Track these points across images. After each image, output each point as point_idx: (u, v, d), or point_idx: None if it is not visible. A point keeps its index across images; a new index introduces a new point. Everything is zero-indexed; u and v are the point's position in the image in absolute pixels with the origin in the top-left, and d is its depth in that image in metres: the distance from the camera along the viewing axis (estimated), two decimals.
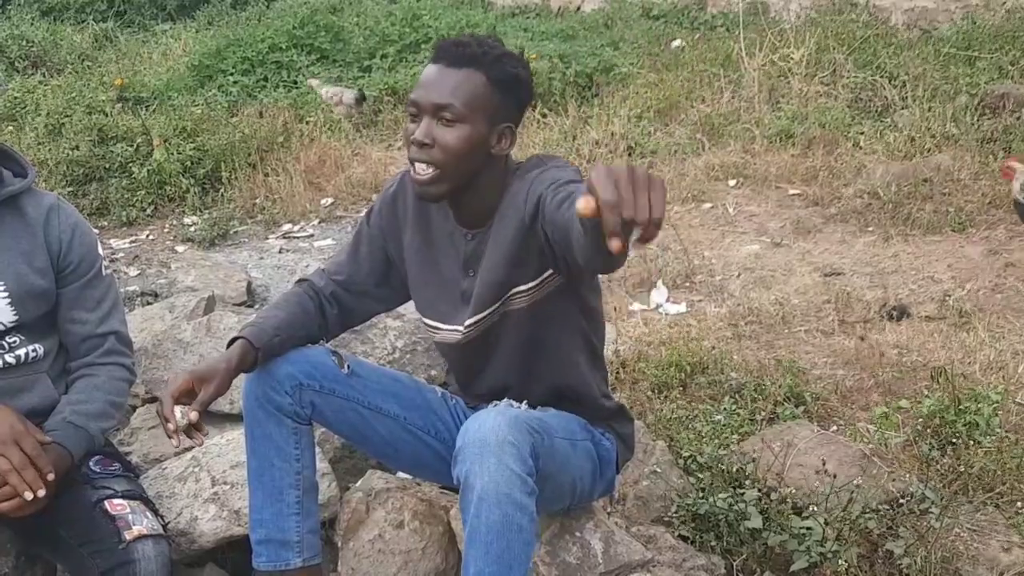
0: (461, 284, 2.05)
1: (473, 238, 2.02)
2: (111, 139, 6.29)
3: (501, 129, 1.93)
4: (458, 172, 1.91)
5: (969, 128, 5.67)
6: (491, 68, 1.88)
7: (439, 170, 1.90)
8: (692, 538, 2.40)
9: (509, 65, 1.91)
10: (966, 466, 2.56)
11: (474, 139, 1.89)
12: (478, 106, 1.88)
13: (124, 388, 2.28)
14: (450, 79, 1.88)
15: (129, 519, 2.02)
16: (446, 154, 1.88)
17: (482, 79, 1.88)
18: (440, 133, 1.88)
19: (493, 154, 1.93)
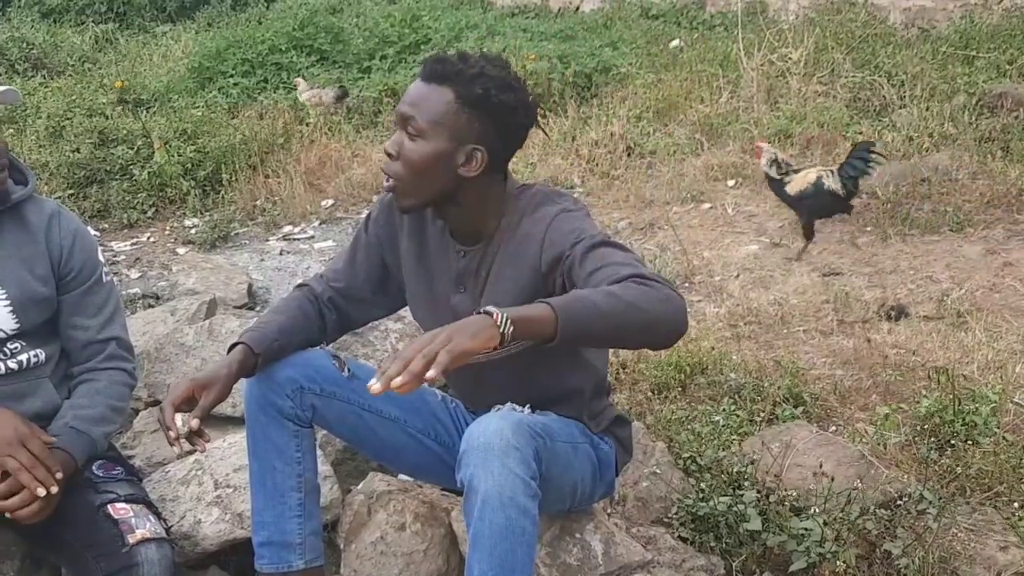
0: (451, 299, 2.04)
1: (465, 255, 2.02)
2: (112, 141, 6.31)
3: (468, 150, 1.88)
4: (419, 187, 1.90)
5: (967, 128, 5.68)
6: (462, 86, 1.85)
7: (398, 182, 1.91)
8: (692, 539, 2.42)
9: (479, 85, 1.85)
10: (964, 467, 2.58)
11: (434, 156, 1.87)
12: (441, 123, 1.86)
13: (125, 393, 2.30)
14: (420, 93, 1.88)
15: (132, 523, 2.04)
16: (405, 167, 1.89)
17: (450, 96, 1.86)
18: (405, 145, 1.89)
19: (462, 175, 1.89)
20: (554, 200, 1.95)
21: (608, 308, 1.61)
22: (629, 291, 1.64)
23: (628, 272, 1.69)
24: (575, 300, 1.63)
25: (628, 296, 1.63)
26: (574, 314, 1.60)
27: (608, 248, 1.80)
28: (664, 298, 1.66)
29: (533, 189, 2.00)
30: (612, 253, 1.78)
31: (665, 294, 1.67)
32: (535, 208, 1.94)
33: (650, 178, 5.72)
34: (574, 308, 1.61)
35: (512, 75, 1.91)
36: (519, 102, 1.90)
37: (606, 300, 1.62)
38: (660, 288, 1.67)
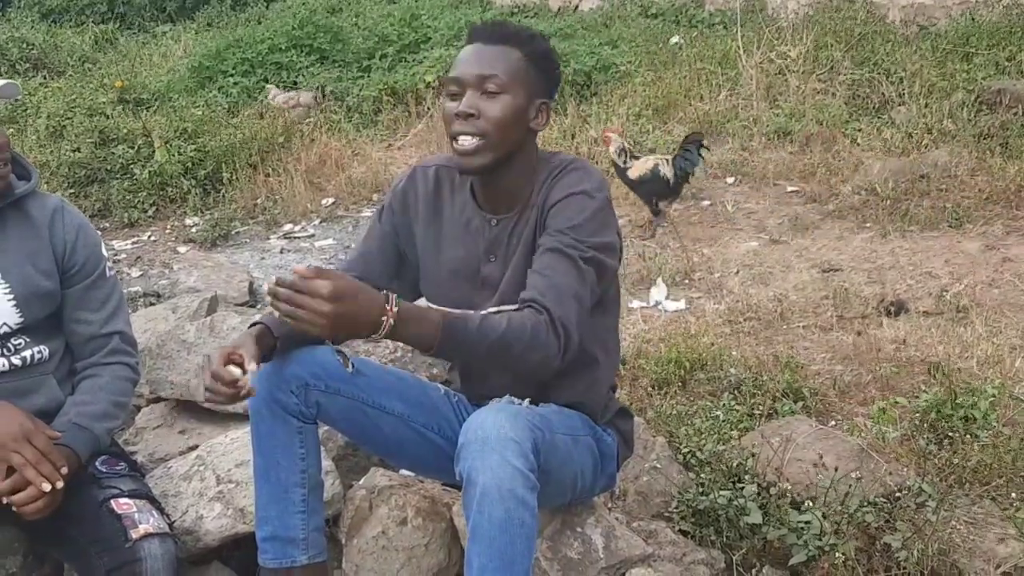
0: (482, 269, 2.06)
1: (497, 223, 2.04)
2: (112, 141, 6.33)
3: (538, 104, 1.99)
4: (502, 143, 1.96)
5: (966, 124, 5.69)
6: (526, 44, 1.97)
7: (484, 139, 1.94)
8: (692, 533, 2.43)
9: (542, 42, 2.00)
10: (963, 460, 2.59)
11: (517, 110, 1.95)
12: (518, 78, 1.95)
13: (128, 388, 2.30)
14: (490, 54, 1.95)
15: (135, 518, 2.05)
16: (491, 124, 1.94)
17: (518, 54, 1.96)
18: (484, 104, 1.94)
19: (531, 128, 1.99)
20: (580, 179, 1.98)
21: (486, 342, 1.78)
22: (513, 342, 1.79)
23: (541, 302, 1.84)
24: (462, 333, 1.77)
25: (507, 336, 1.79)
26: (454, 337, 1.76)
27: (563, 261, 1.89)
28: (537, 345, 1.81)
29: (561, 156, 2.06)
30: (559, 268, 1.88)
31: (542, 342, 1.81)
32: (562, 178, 1.99)
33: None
34: (456, 332, 1.76)
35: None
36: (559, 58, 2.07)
37: (486, 344, 1.78)
38: (543, 335, 1.81)
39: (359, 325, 1.68)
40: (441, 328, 1.74)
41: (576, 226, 1.91)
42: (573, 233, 1.90)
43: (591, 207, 1.93)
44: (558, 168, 2.00)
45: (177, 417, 2.75)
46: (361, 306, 1.66)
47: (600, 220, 1.94)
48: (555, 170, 2.00)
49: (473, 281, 2.07)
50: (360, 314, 1.66)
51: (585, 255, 1.90)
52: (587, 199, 1.93)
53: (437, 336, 1.74)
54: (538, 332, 1.81)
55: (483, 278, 2.06)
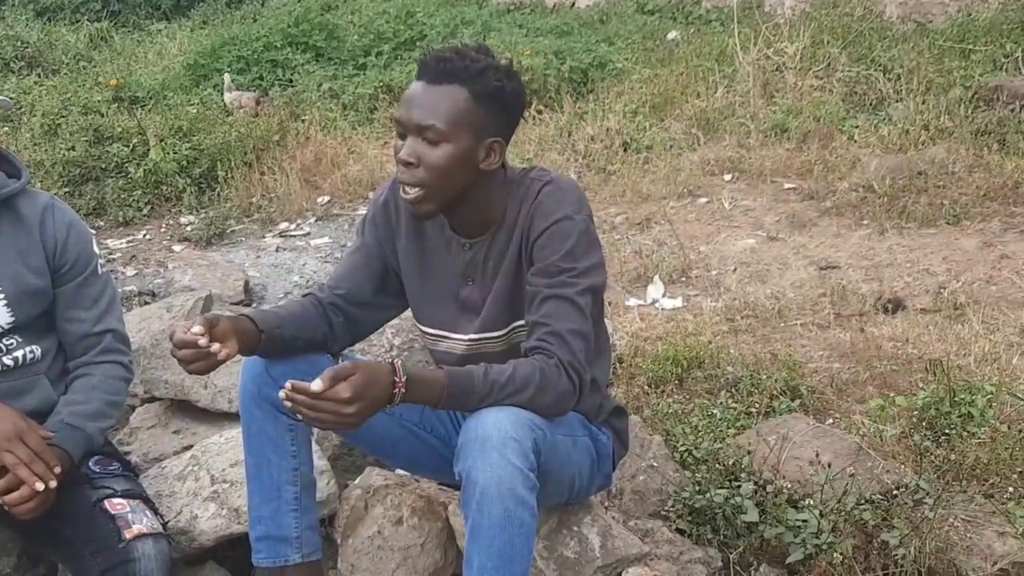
0: (460, 293, 2.05)
1: (471, 248, 2.02)
2: (107, 139, 6.30)
3: (488, 144, 1.90)
4: (445, 190, 1.90)
5: (963, 121, 5.68)
6: (473, 83, 1.85)
7: (425, 189, 1.89)
8: (689, 531, 2.42)
9: (492, 78, 1.86)
10: (960, 457, 2.58)
11: (459, 157, 1.87)
12: (462, 123, 1.85)
13: (122, 387, 2.29)
14: (432, 97, 1.86)
15: (129, 518, 2.03)
16: (431, 173, 1.87)
17: (464, 95, 1.85)
18: (425, 152, 1.86)
19: (482, 169, 1.91)
20: (559, 202, 1.93)
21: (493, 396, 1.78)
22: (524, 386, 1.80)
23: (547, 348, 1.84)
24: (467, 383, 1.78)
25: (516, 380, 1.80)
26: (458, 394, 1.78)
27: (560, 304, 1.87)
28: (549, 386, 1.82)
29: (535, 173, 2.00)
30: (557, 313, 1.87)
31: (553, 383, 1.83)
32: (538, 201, 1.94)
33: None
34: (461, 390, 1.78)
35: (505, 61, 1.94)
36: (521, 87, 1.95)
37: (496, 389, 1.78)
38: (554, 376, 1.82)
39: (378, 407, 1.73)
40: (447, 386, 1.77)
41: (565, 255, 1.89)
42: (563, 263, 1.89)
43: (575, 231, 1.90)
44: (533, 189, 1.95)
45: (171, 417, 2.74)
46: (377, 392, 1.71)
47: (585, 243, 1.92)
48: (530, 191, 1.95)
49: (455, 302, 2.06)
50: (378, 399, 1.72)
51: (580, 288, 1.89)
52: (569, 224, 1.91)
53: (443, 394, 1.77)
54: (548, 374, 1.82)
55: (463, 301, 2.04)
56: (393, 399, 1.73)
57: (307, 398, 1.66)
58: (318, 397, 1.66)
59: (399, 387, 1.72)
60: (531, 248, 1.93)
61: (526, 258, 1.96)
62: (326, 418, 1.68)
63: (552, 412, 1.86)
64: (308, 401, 1.66)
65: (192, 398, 2.66)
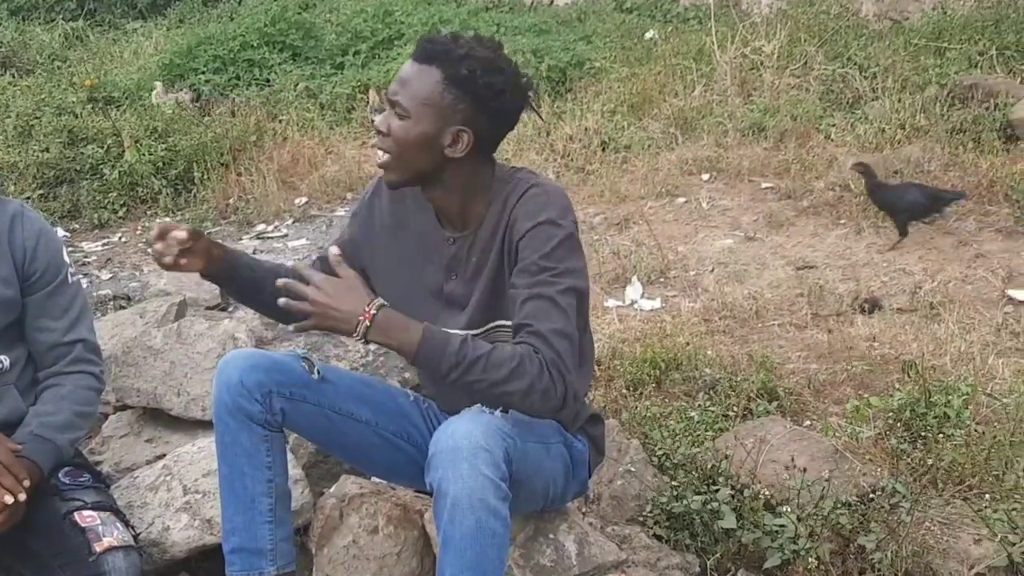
0: (444, 287, 2.05)
1: (454, 242, 2.03)
2: (81, 141, 6.26)
3: (454, 131, 1.91)
4: (407, 165, 1.94)
5: (939, 119, 5.70)
6: (448, 66, 1.87)
7: (390, 157, 1.95)
8: (667, 537, 2.41)
9: (467, 66, 1.87)
10: (936, 459, 2.58)
11: (421, 136, 1.90)
12: (427, 103, 1.88)
13: (92, 397, 2.26)
14: (411, 73, 1.91)
15: (99, 531, 2.01)
16: (395, 144, 1.92)
17: (437, 76, 1.88)
18: (393, 123, 1.92)
19: (448, 155, 1.92)
20: (544, 205, 1.93)
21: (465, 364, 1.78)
22: (498, 366, 1.78)
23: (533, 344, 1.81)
24: (441, 346, 1.78)
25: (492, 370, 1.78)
26: (433, 348, 1.78)
27: (546, 305, 1.85)
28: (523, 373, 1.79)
29: (522, 174, 2.01)
30: (544, 314, 1.84)
31: (535, 385, 1.79)
32: (525, 204, 1.94)
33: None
34: (433, 351, 1.78)
35: (502, 56, 1.93)
36: (507, 84, 1.91)
37: (470, 359, 1.77)
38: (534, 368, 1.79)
39: (339, 321, 1.77)
40: (422, 337, 1.77)
41: (546, 255, 1.88)
42: (544, 262, 1.88)
43: (559, 235, 1.90)
44: (518, 190, 1.96)
45: (144, 425, 2.70)
46: (345, 301, 1.76)
47: (569, 247, 1.92)
48: (515, 192, 1.96)
49: (438, 298, 2.05)
50: (340, 309, 1.76)
51: (561, 287, 1.87)
52: (554, 228, 1.90)
53: (416, 343, 1.78)
54: (527, 363, 1.79)
55: (447, 296, 2.04)
56: (356, 326, 1.76)
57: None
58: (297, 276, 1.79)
59: (365, 316, 1.76)
60: (514, 249, 1.93)
61: (508, 259, 1.95)
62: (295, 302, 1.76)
63: (527, 404, 1.82)
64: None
65: (165, 406, 2.64)
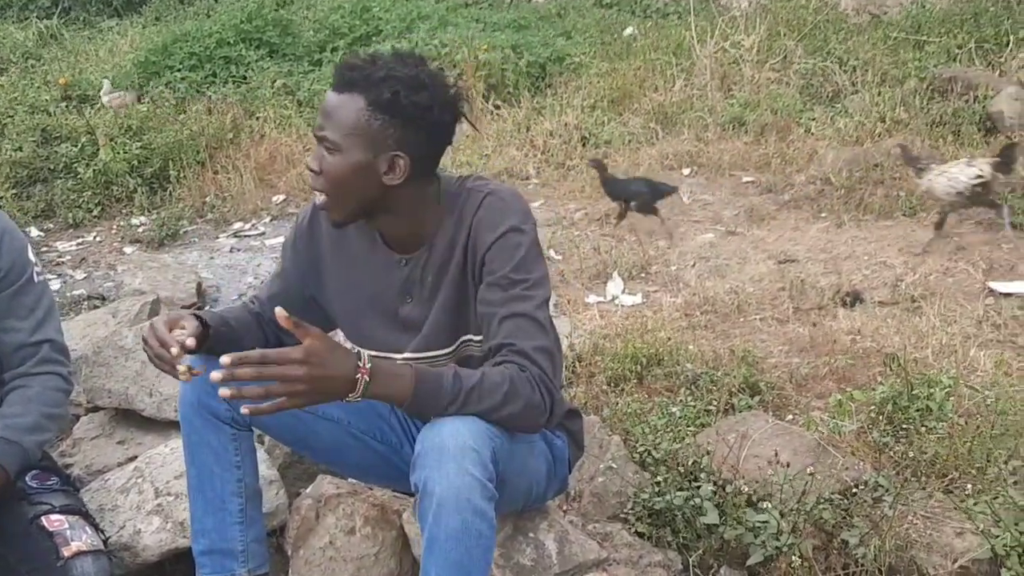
0: (399, 311, 1.98)
1: (406, 263, 1.96)
2: (55, 139, 6.20)
3: (388, 158, 1.81)
4: (347, 199, 1.85)
5: (918, 112, 5.71)
6: (370, 91, 1.78)
7: (328, 197, 1.86)
8: (648, 534, 2.38)
9: (389, 88, 1.77)
10: (918, 452, 2.56)
11: (354, 168, 1.81)
12: (355, 133, 1.79)
13: (60, 399, 2.21)
14: (334, 104, 1.81)
15: (67, 535, 1.97)
16: (329, 182, 1.83)
17: (360, 103, 1.78)
18: (325, 160, 1.83)
19: (387, 183, 1.83)
20: (504, 213, 1.87)
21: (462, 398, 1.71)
22: (492, 392, 1.72)
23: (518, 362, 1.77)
24: (436, 382, 1.70)
25: (487, 398, 1.72)
26: (427, 392, 1.69)
27: (526, 323, 1.81)
28: (516, 395, 1.74)
29: (471, 183, 1.93)
30: (526, 332, 1.80)
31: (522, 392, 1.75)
32: (480, 213, 1.88)
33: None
34: (431, 388, 1.69)
35: (425, 71, 1.82)
36: (435, 99, 1.81)
37: (465, 392, 1.71)
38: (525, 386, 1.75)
39: (336, 388, 1.63)
40: (414, 381, 1.68)
41: (517, 267, 1.84)
42: (515, 275, 1.83)
43: (524, 243, 1.86)
44: (473, 201, 1.89)
45: (116, 427, 2.66)
46: (336, 367, 1.61)
47: (535, 254, 1.88)
48: (470, 203, 1.89)
49: (394, 322, 1.99)
50: (336, 377, 1.61)
51: (536, 302, 1.84)
52: (518, 235, 1.86)
53: (410, 389, 1.68)
54: (518, 383, 1.75)
55: (403, 320, 1.98)
56: (356, 385, 1.63)
57: (253, 365, 1.55)
58: (266, 360, 1.56)
59: (363, 373, 1.62)
60: (480, 262, 1.87)
61: (473, 273, 1.89)
62: (275, 385, 1.56)
63: (521, 423, 1.79)
64: (253, 369, 1.55)
65: (137, 407, 2.59)
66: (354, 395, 1.64)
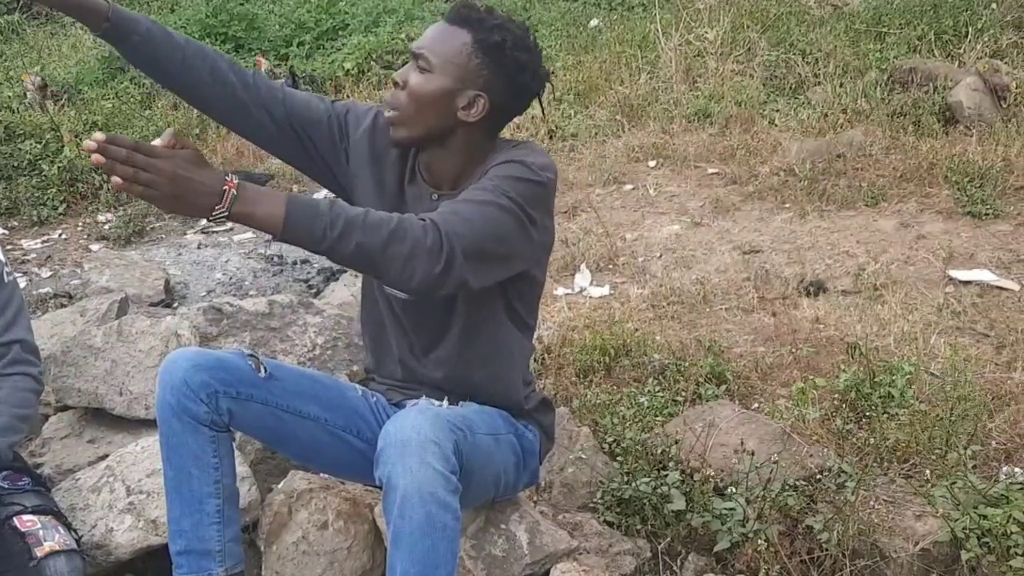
0: None
1: (439, 199, 1.99)
2: (19, 136, 6.12)
3: (472, 95, 1.90)
4: (417, 120, 1.91)
5: (880, 103, 5.78)
6: (479, 31, 1.89)
7: (399, 113, 1.92)
8: (618, 523, 2.43)
9: (499, 34, 1.88)
10: (880, 439, 2.62)
11: (439, 91, 1.89)
12: (452, 61, 1.88)
13: (31, 399, 2.22)
14: (438, 32, 1.92)
15: (40, 535, 1.98)
16: (409, 98, 1.91)
17: (467, 38, 1.89)
18: (412, 77, 1.91)
19: (460, 118, 1.91)
20: (525, 153, 1.92)
21: (341, 227, 1.62)
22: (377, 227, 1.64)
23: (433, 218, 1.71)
24: (311, 206, 1.62)
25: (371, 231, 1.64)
26: (302, 217, 1.61)
27: (472, 207, 1.79)
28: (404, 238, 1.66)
29: (513, 141, 2.01)
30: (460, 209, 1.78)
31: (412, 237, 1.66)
32: (504, 152, 1.94)
33: None
34: (302, 216, 1.61)
35: (531, 39, 1.94)
36: (531, 63, 1.92)
37: (344, 220, 1.62)
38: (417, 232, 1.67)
39: (200, 193, 1.55)
40: (287, 202, 1.61)
41: (504, 178, 1.85)
42: (500, 182, 1.84)
43: (527, 176, 1.86)
44: (504, 150, 1.95)
45: (86, 426, 2.65)
46: (201, 173, 1.55)
47: (533, 190, 1.86)
48: (501, 152, 1.95)
49: None
50: (200, 182, 1.55)
51: (505, 201, 1.81)
52: (524, 168, 1.87)
53: (282, 211, 1.60)
54: (408, 225, 1.67)
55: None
56: (221, 196, 1.55)
57: (125, 148, 1.51)
58: (138, 149, 1.52)
59: (230, 186, 1.56)
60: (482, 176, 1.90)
61: None
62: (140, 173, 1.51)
63: (407, 269, 1.67)
64: (124, 153, 1.51)
65: (107, 406, 2.59)
66: (220, 208, 1.56)
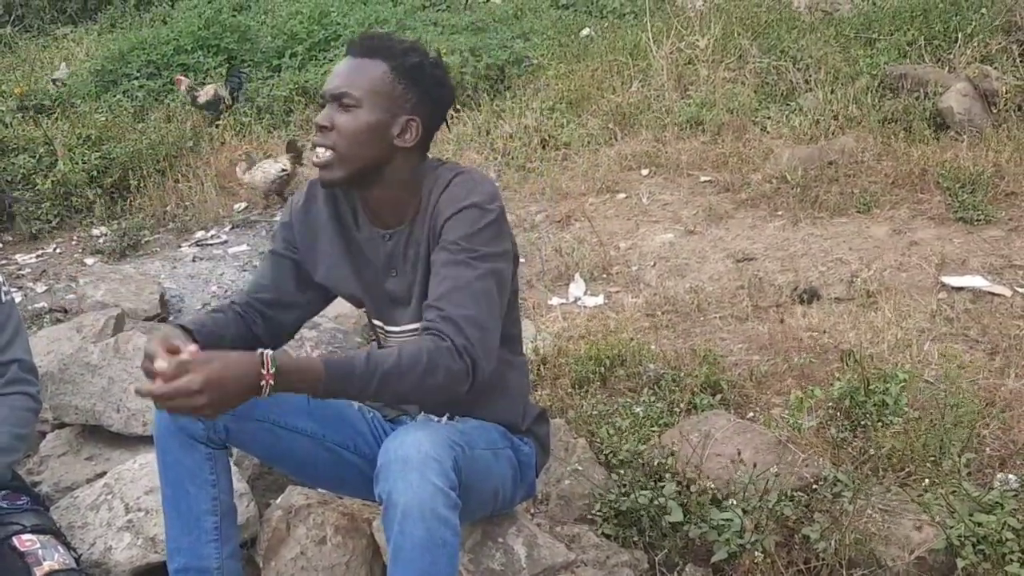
0: (385, 286, 2.05)
1: (390, 238, 2.02)
2: (12, 150, 6.13)
3: (404, 120, 1.94)
4: (355, 157, 1.93)
5: (871, 109, 5.79)
6: (394, 59, 1.92)
7: (335, 153, 1.93)
8: (615, 535, 2.43)
9: (415, 56, 1.94)
10: (875, 447, 2.63)
11: (372, 125, 1.92)
12: (377, 93, 1.91)
13: (29, 418, 2.22)
14: (354, 67, 1.94)
15: (39, 554, 1.98)
16: (342, 137, 1.92)
17: (384, 68, 1.92)
18: (339, 117, 1.92)
19: (397, 145, 1.94)
20: (470, 190, 1.94)
21: (378, 379, 1.73)
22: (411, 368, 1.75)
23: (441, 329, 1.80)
24: (347, 367, 1.73)
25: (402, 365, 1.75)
26: (338, 379, 1.72)
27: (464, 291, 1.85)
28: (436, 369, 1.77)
29: (449, 165, 2.03)
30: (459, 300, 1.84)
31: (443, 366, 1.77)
32: (451, 190, 1.95)
33: None
34: (341, 374, 1.72)
35: (438, 57, 2.00)
36: (445, 77, 2.00)
37: (380, 372, 1.73)
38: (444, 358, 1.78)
39: (241, 396, 1.66)
40: (324, 373, 1.71)
41: (468, 236, 1.89)
42: (464, 243, 1.89)
43: (484, 220, 1.91)
44: (444, 178, 1.97)
45: (83, 443, 2.66)
46: (236, 384, 1.64)
47: (494, 232, 1.92)
48: (441, 180, 1.97)
49: (383, 296, 2.06)
50: (238, 391, 1.65)
51: (479, 272, 1.88)
52: (479, 211, 1.91)
53: (321, 381, 1.71)
54: (436, 354, 1.78)
55: (390, 293, 2.04)
56: (261, 391, 1.66)
57: (159, 386, 1.61)
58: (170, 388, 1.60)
59: (267, 379, 1.66)
60: (439, 232, 1.93)
61: (431, 245, 1.95)
62: (179, 406, 1.62)
63: (443, 395, 1.82)
64: (161, 389, 1.61)
65: (104, 423, 2.59)
66: (263, 395, 1.67)
